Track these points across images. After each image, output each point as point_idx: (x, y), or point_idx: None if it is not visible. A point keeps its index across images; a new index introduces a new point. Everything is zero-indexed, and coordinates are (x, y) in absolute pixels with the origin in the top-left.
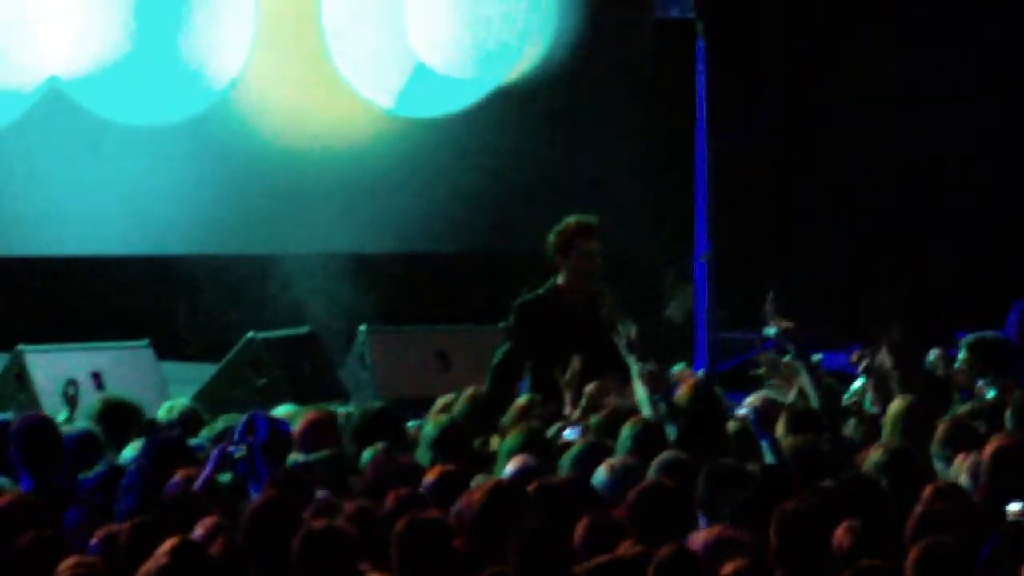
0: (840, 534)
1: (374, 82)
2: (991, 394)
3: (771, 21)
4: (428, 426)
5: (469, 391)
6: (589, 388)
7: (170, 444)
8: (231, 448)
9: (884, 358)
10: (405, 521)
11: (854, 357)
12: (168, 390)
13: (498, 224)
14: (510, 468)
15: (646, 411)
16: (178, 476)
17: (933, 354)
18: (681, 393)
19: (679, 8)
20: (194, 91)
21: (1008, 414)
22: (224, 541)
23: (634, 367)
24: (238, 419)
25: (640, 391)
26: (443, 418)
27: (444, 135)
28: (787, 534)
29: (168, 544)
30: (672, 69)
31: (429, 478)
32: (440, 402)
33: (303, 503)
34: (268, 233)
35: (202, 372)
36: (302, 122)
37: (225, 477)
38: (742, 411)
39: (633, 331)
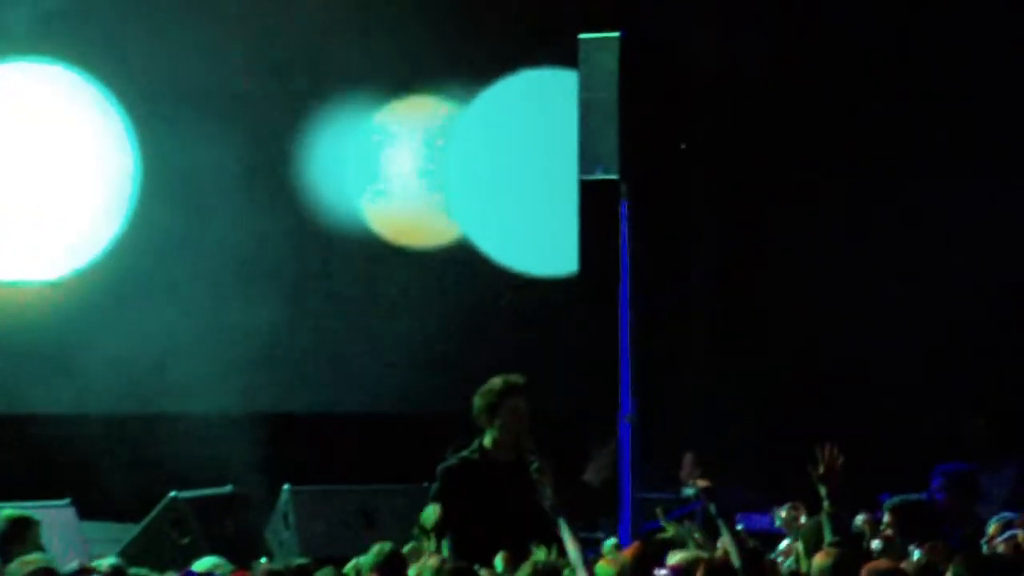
0: None
1: None
2: (916, 555)
3: (696, 180)
4: None
5: (378, 547)
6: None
7: None
8: None
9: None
10: None
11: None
12: (91, 550)
13: (421, 385)
14: None
15: (580, 573)
16: None
17: (860, 519)
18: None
19: (603, 168)
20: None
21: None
22: None
23: (565, 527)
24: None
25: (572, 552)
26: None
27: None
28: None
29: None
30: (597, 229)
31: None
32: (352, 563)
33: None
34: (192, 392)
35: (124, 532)
36: None
37: None
38: (662, 572)
39: (550, 493)
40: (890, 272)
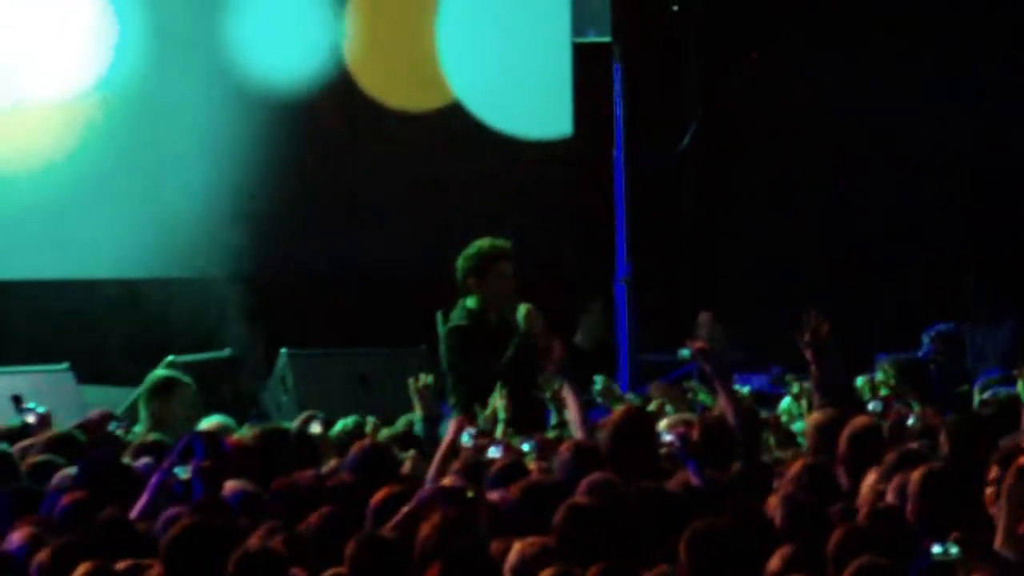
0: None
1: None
2: (911, 421)
3: (689, 41)
4: None
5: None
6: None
7: (105, 464)
8: (176, 470)
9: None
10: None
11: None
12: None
13: (414, 248)
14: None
15: (576, 432)
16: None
17: (861, 380)
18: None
19: (595, 30)
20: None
21: (943, 437)
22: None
23: (568, 389)
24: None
25: (572, 411)
26: None
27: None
28: (695, 553)
29: (82, 569)
30: (591, 91)
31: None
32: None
33: (230, 527)
34: (187, 257)
35: (124, 396)
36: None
37: None
38: (667, 437)
39: (559, 350)
40: (883, 127)
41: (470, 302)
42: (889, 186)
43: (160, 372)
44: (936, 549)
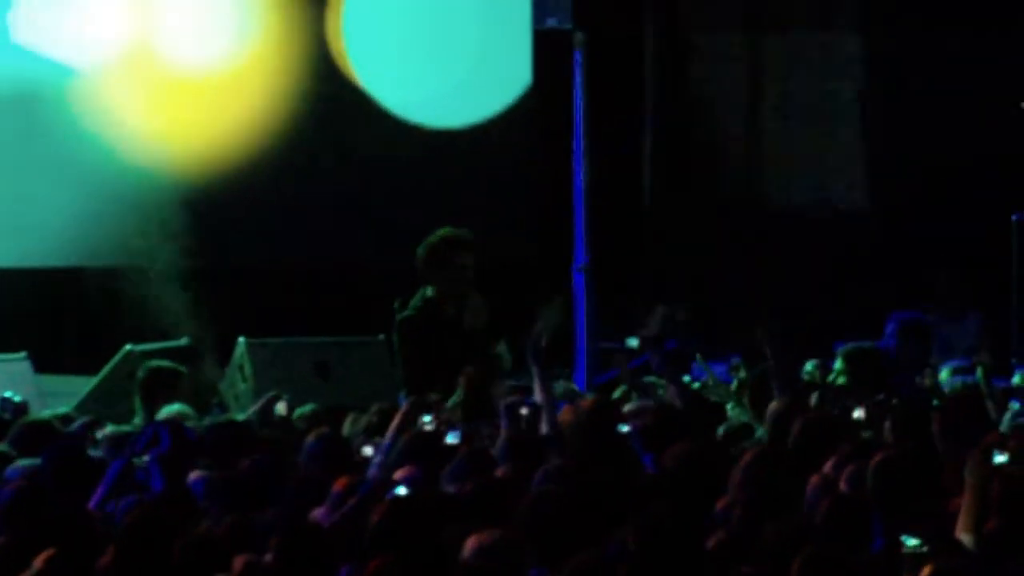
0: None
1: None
2: (857, 413)
3: (651, 29)
4: None
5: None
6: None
7: (70, 454)
8: (135, 459)
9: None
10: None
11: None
12: (47, 403)
13: (376, 235)
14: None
15: (544, 422)
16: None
17: (811, 364)
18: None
19: (557, 18)
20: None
21: (888, 425)
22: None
23: (536, 375)
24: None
25: (540, 400)
26: None
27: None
28: (643, 539)
29: (44, 555)
30: (551, 79)
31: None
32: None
33: (189, 517)
34: (143, 245)
35: (82, 385)
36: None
37: None
38: (624, 428)
39: (542, 339)
40: (848, 116)
41: (429, 291)
42: (857, 175)
43: (158, 364)
44: (903, 540)
